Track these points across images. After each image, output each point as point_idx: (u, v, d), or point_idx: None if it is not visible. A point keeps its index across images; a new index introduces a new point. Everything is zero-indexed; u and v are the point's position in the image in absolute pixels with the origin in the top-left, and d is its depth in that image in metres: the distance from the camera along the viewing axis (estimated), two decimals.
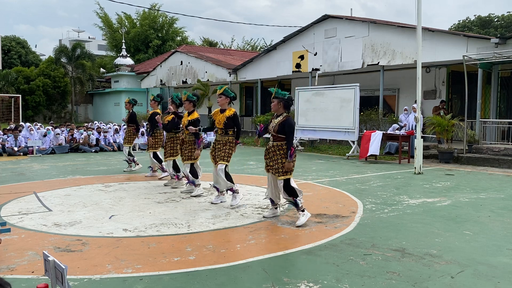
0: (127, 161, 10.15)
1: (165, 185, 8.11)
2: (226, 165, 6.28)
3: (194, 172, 7.16)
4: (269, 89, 5.83)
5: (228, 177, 6.28)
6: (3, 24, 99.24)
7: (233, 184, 6.31)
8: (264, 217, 5.69)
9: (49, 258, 2.70)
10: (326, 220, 5.51)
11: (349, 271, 3.78)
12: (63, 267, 2.58)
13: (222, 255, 4.19)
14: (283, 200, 5.64)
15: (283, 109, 5.48)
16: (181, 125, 7.39)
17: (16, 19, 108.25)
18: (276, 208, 5.78)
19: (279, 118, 5.45)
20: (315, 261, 4.04)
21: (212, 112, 6.57)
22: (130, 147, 10.05)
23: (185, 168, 7.22)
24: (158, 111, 8.87)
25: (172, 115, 7.87)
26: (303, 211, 5.37)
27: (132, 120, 9.95)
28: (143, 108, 26.99)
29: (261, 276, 3.67)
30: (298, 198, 5.36)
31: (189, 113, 7.11)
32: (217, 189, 6.58)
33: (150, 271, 3.75)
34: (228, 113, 6.32)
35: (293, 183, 5.42)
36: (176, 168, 8.09)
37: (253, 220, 5.54)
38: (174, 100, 7.90)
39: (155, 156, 9.01)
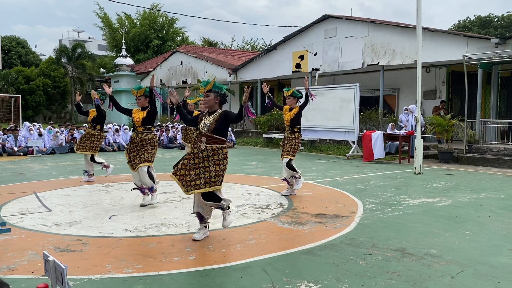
0: None
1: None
2: (291, 159, 7.04)
3: (151, 176, 6.40)
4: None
5: (292, 168, 7.05)
6: (0, 24, 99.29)
7: (297, 172, 7.11)
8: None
9: (49, 258, 2.70)
10: (326, 220, 5.51)
11: (349, 271, 3.78)
12: (63, 267, 2.58)
13: (222, 255, 4.19)
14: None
15: (218, 105, 4.68)
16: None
17: (13, 19, 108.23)
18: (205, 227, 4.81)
19: (214, 116, 4.58)
20: (315, 261, 4.04)
21: (283, 109, 7.32)
22: None
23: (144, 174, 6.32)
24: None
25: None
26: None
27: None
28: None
29: (261, 276, 3.67)
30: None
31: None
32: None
33: (150, 271, 3.75)
34: (294, 111, 7.13)
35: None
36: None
37: (253, 220, 5.54)
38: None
39: None
